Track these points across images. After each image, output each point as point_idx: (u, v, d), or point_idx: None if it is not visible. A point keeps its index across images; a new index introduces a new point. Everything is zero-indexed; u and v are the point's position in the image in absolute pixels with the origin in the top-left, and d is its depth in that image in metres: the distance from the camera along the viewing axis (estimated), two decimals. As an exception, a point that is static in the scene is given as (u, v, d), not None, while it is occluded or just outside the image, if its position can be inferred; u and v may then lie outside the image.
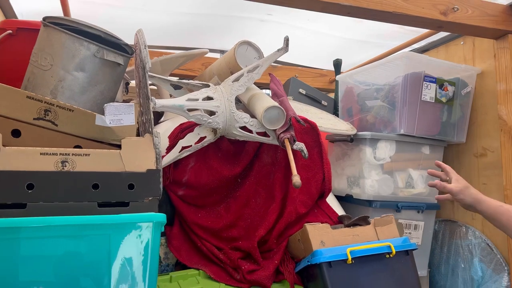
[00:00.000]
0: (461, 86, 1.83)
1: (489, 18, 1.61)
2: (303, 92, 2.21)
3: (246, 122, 1.43)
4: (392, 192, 1.79)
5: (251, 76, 1.46)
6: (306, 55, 2.55)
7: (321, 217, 1.56)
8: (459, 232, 1.88)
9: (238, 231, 1.51)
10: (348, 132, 1.80)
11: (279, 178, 1.55)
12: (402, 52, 1.89)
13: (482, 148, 1.83)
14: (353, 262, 1.32)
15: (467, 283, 1.79)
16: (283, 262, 1.43)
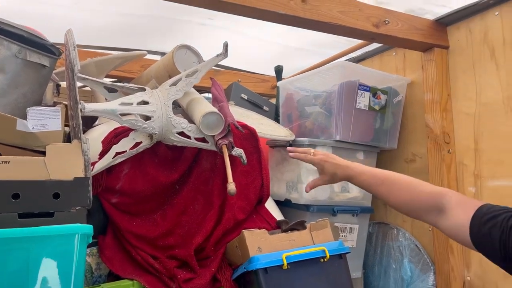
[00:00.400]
0: (393, 95, 1.92)
1: (417, 31, 1.71)
2: (245, 97, 2.21)
3: (184, 127, 1.41)
4: (329, 197, 1.84)
5: (190, 81, 1.44)
6: (249, 60, 2.57)
7: (259, 223, 1.56)
8: (391, 234, 1.97)
9: (174, 239, 1.48)
10: (287, 138, 1.83)
11: (218, 184, 1.53)
12: (338, 61, 1.95)
13: (411, 154, 1.94)
14: (288, 267, 1.34)
15: (397, 283, 1.88)
16: (220, 270, 1.42)
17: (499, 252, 0.91)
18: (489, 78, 1.62)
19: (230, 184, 1.24)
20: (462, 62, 1.73)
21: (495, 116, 1.59)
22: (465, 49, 1.72)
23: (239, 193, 1.53)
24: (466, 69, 1.72)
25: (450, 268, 1.67)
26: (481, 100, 1.65)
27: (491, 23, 1.62)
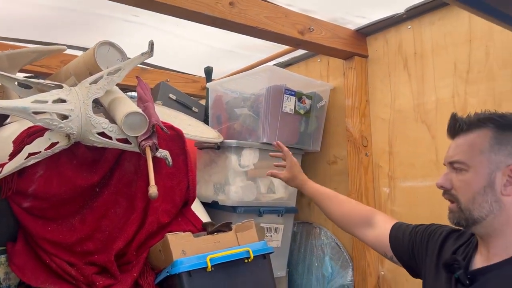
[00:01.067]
0: (317, 100, 2.01)
1: (339, 40, 1.80)
2: (173, 98, 2.18)
3: (105, 127, 1.35)
4: (255, 198, 1.87)
5: (112, 79, 1.39)
6: (178, 60, 2.52)
7: (185, 226, 1.55)
8: (313, 233, 2.05)
9: (94, 245, 1.41)
10: (215, 140, 1.83)
11: (142, 187, 1.49)
12: (266, 66, 2.00)
13: (333, 156, 2.04)
14: (213, 269, 1.34)
15: (319, 280, 1.96)
16: (142, 275, 1.38)
17: (408, 250, 1.12)
18: (402, 87, 1.75)
19: (151, 187, 1.22)
20: (379, 71, 1.85)
21: (406, 123, 1.72)
22: (382, 59, 1.84)
23: (164, 196, 1.50)
24: (382, 77, 1.84)
25: (367, 264, 1.78)
26: (395, 107, 1.78)
27: (404, 36, 1.76)
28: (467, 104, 1.52)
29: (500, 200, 0.84)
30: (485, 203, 0.85)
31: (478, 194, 0.86)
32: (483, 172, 0.86)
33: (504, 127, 0.86)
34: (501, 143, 0.85)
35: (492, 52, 1.46)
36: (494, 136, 0.87)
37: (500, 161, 0.85)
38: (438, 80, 1.62)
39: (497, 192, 0.85)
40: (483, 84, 1.48)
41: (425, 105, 1.66)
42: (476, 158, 0.87)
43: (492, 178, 0.85)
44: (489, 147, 0.86)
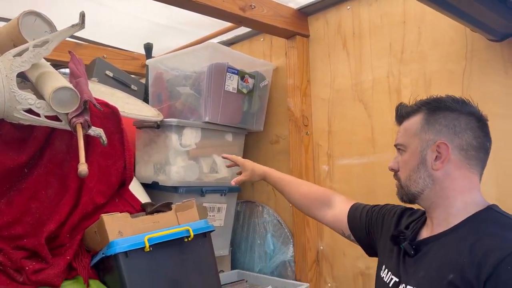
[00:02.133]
0: (260, 79, 2.00)
1: (281, 19, 1.79)
2: (110, 75, 2.08)
3: (32, 104, 1.26)
4: (198, 178, 1.85)
5: (39, 52, 1.30)
6: (116, 35, 2.40)
7: (122, 207, 1.50)
8: (256, 211, 2.08)
9: (23, 228, 1.33)
10: (154, 119, 1.78)
11: (75, 167, 1.39)
12: (208, 42, 1.95)
13: (275, 136, 2.06)
14: (151, 249, 1.31)
15: (262, 257, 2.00)
16: (77, 257, 1.33)
17: (364, 229, 1.17)
18: (341, 66, 1.79)
19: (81, 165, 1.16)
20: (320, 51, 1.88)
21: (345, 102, 1.77)
22: (322, 39, 1.87)
23: (99, 176, 1.44)
24: (323, 57, 1.87)
25: (306, 240, 1.83)
26: (334, 87, 1.82)
27: (344, 16, 1.79)
28: (400, 84, 1.59)
29: (432, 175, 0.91)
30: (419, 179, 0.92)
31: (413, 171, 0.93)
32: (416, 151, 0.93)
33: (434, 109, 0.93)
34: (429, 123, 0.92)
35: (423, 33, 1.53)
36: (425, 118, 0.93)
37: (429, 139, 0.91)
38: (374, 60, 1.67)
39: (428, 168, 0.91)
40: (415, 64, 1.55)
41: (362, 85, 1.71)
42: (411, 139, 0.95)
43: (424, 156, 0.92)
44: (421, 128, 0.93)
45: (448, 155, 0.89)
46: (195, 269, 1.42)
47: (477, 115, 0.91)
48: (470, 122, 0.90)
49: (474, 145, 0.89)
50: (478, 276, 0.76)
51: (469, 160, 0.89)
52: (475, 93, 1.40)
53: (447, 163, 0.89)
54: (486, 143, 0.91)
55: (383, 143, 1.64)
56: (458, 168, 0.89)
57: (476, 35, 1.38)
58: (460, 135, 0.89)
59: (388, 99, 1.62)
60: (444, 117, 0.91)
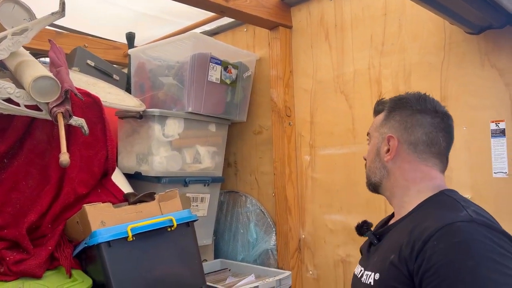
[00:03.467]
0: (243, 70, 2.01)
1: (264, 9, 1.80)
2: (92, 64, 2.05)
3: (11, 93, 1.25)
4: (181, 168, 1.86)
5: (17, 40, 1.28)
6: (98, 24, 2.36)
7: (104, 197, 1.49)
8: (239, 201, 2.10)
9: (3, 219, 1.32)
10: (137, 109, 1.77)
11: (56, 157, 1.39)
12: (190, 32, 1.94)
13: (259, 126, 2.07)
14: (134, 239, 1.32)
15: (245, 246, 2.02)
16: (59, 247, 1.33)
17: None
18: (323, 58, 1.81)
19: (62, 155, 1.16)
20: (303, 42, 1.89)
21: (326, 93, 1.79)
22: (305, 30, 1.88)
23: (81, 166, 1.44)
24: (305, 48, 1.88)
25: (288, 229, 1.86)
26: (317, 78, 1.84)
27: (326, 8, 1.80)
28: (381, 76, 1.62)
29: (386, 166, 0.97)
30: (376, 169, 0.99)
31: (372, 162, 1.01)
32: (375, 143, 1.01)
33: (393, 107, 0.99)
34: (387, 119, 0.99)
35: (404, 26, 1.55)
36: (385, 114, 1.00)
37: (384, 133, 0.98)
38: (356, 52, 1.69)
39: (382, 159, 0.98)
40: (396, 56, 1.57)
41: (344, 76, 1.73)
42: (374, 132, 1.03)
43: (378, 148, 0.99)
44: (380, 123, 1.01)
45: (395, 148, 0.95)
46: (179, 259, 1.43)
47: (433, 112, 0.95)
48: (423, 118, 0.94)
49: (424, 140, 0.94)
50: (411, 253, 0.80)
51: (419, 154, 0.94)
52: (452, 85, 1.44)
53: (398, 156, 0.95)
54: (439, 139, 0.94)
55: (364, 134, 1.65)
56: (408, 161, 0.94)
57: (454, 28, 1.41)
58: (409, 131, 0.94)
59: (369, 91, 1.65)
60: (400, 114, 0.97)
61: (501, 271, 0.73)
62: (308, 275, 1.86)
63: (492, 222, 0.82)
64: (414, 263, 0.79)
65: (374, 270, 0.90)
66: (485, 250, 0.75)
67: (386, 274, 0.85)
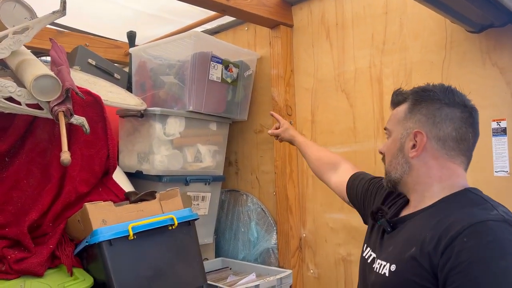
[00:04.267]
0: (244, 69, 2.00)
1: (265, 8, 1.79)
2: (93, 63, 2.05)
3: (12, 91, 1.25)
4: (182, 167, 1.86)
5: (18, 39, 1.28)
6: (99, 23, 2.37)
7: (105, 195, 1.50)
8: (241, 200, 2.10)
9: (5, 217, 1.33)
10: (138, 107, 1.77)
11: (57, 155, 1.39)
12: (191, 31, 1.94)
13: (260, 125, 2.07)
14: (135, 237, 1.32)
15: (245, 245, 2.02)
16: (60, 246, 1.34)
17: (360, 200, 1.19)
18: (324, 57, 1.81)
19: (63, 153, 1.16)
20: (304, 41, 1.89)
21: (327, 92, 1.79)
22: (306, 29, 1.88)
23: (82, 165, 1.44)
24: (306, 47, 1.88)
25: (289, 227, 1.86)
26: (318, 76, 1.84)
27: (327, 6, 1.80)
28: (382, 74, 1.61)
29: (409, 162, 0.92)
30: (397, 164, 0.95)
31: (393, 157, 0.96)
32: (397, 138, 0.95)
33: (419, 98, 0.94)
34: (412, 112, 0.94)
35: (405, 24, 1.55)
36: (409, 107, 0.95)
37: (409, 127, 0.93)
38: (357, 51, 1.69)
39: (406, 155, 0.93)
40: (397, 55, 1.57)
41: (345, 75, 1.73)
42: (395, 126, 0.97)
43: (402, 143, 0.93)
44: (404, 116, 0.95)
45: (423, 144, 0.90)
46: (180, 257, 1.43)
47: (462, 106, 0.91)
48: (452, 113, 0.90)
49: (453, 136, 0.89)
50: (437, 248, 0.78)
51: (448, 151, 0.90)
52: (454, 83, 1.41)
53: (424, 152, 0.90)
54: (468, 135, 0.90)
55: (365, 132, 1.67)
56: (435, 157, 0.90)
57: (455, 27, 1.41)
58: (439, 126, 0.89)
59: (370, 89, 1.64)
60: (426, 107, 0.91)
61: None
62: (309, 274, 1.86)
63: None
64: (440, 259, 0.77)
65: (389, 260, 0.89)
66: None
67: (404, 266, 0.84)
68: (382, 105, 1.61)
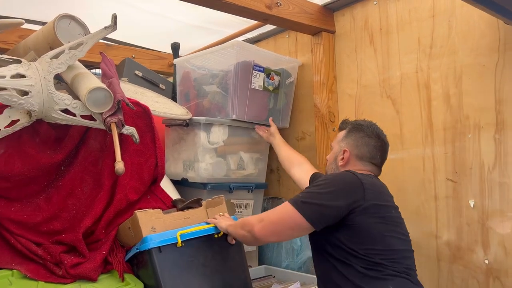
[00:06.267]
0: (286, 76, 2.01)
1: (307, 15, 1.79)
2: (140, 74, 2.13)
3: (68, 104, 1.31)
4: (225, 174, 1.88)
5: (74, 54, 1.34)
6: (145, 36, 2.45)
7: (154, 203, 1.54)
8: (283, 208, 2.08)
9: (61, 224, 1.39)
10: (183, 117, 1.81)
11: (109, 164, 1.46)
12: (234, 41, 1.96)
13: (302, 133, 2.06)
14: (183, 245, 1.34)
15: (289, 253, 2.01)
16: (112, 252, 1.38)
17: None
18: (368, 62, 1.78)
19: (118, 163, 1.20)
20: (346, 47, 1.87)
21: (372, 98, 1.76)
22: (349, 34, 1.86)
23: (132, 173, 1.49)
24: (349, 53, 1.86)
25: (334, 236, 1.82)
26: (361, 82, 1.81)
27: (370, 11, 1.77)
28: (429, 79, 1.57)
29: (338, 168, 1.40)
30: (332, 169, 1.44)
31: (330, 163, 1.45)
32: (335, 152, 1.44)
33: (352, 130, 1.40)
34: (346, 137, 1.41)
35: (454, 27, 1.50)
36: (345, 133, 1.42)
37: (342, 146, 1.41)
38: (402, 55, 1.65)
39: (337, 163, 1.41)
40: (445, 59, 1.52)
41: (390, 80, 1.69)
42: (335, 144, 1.45)
43: (336, 155, 1.42)
44: (341, 139, 1.43)
45: (347, 158, 1.38)
46: (226, 265, 1.44)
47: (376, 138, 1.36)
48: (369, 142, 1.36)
49: (367, 156, 1.36)
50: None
51: (363, 163, 1.36)
52: (508, 87, 1.38)
53: (347, 162, 1.38)
54: (377, 156, 1.36)
55: (412, 139, 1.62)
56: (353, 165, 1.36)
57: (509, 28, 1.35)
58: (359, 148, 1.37)
59: (417, 95, 1.60)
60: (354, 136, 1.38)
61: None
62: (355, 284, 1.82)
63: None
64: None
65: None
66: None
67: None
68: (431, 110, 1.56)
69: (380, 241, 1.20)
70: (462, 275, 1.49)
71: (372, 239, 1.19)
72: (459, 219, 1.49)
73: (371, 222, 1.20)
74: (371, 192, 1.22)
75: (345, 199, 1.19)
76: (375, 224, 1.20)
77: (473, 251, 1.46)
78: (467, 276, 1.47)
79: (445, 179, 1.53)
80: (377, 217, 1.21)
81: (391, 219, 1.26)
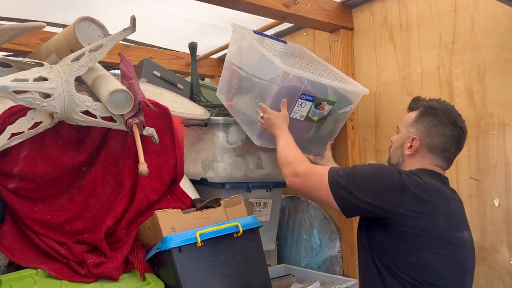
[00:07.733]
0: (343, 105, 1.86)
1: (325, 13, 1.77)
2: (158, 75, 2.14)
3: (89, 106, 1.33)
4: (244, 174, 1.88)
5: (94, 56, 1.36)
6: (162, 36, 2.47)
7: (173, 203, 1.55)
8: (302, 207, 2.08)
9: (83, 223, 1.41)
10: (202, 117, 1.81)
11: (129, 165, 1.48)
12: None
13: (320, 131, 2.04)
14: (202, 244, 1.35)
15: (308, 252, 2.00)
16: (133, 252, 1.39)
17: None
18: (388, 59, 1.75)
19: (141, 165, 1.21)
20: (365, 43, 1.85)
21: (392, 95, 1.73)
22: (367, 31, 1.83)
23: (152, 174, 1.49)
24: (368, 49, 1.83)
25: (354, 235, 1.80)
26: (381, 80, 1.78)
27: (390, 8, 1.74)
28: (452, 75, 1.53)
29: (404, 156, 1.27)
30: (396, 156, 1.30)
31: (395, 149, 1.31)
32: (402, 137, 1.28)
33: (424, 113, 1.23)
34: (416, 122, 1.25)
35: (477, 22, 1.46)
36: (416, 116, 1.25)
37: (411, 132, 1.25)
38: (423, 52, 1.62)
39: (403, 151, 1.26)
40: (468, 55, 1.49)
41: (411, 77, 1.66)
42: (403, 128, 1.29)
43: (403, 141, 1.27)
44: (411, 123, 1.26)
45: (416, 148, 1.22)
46: (245, 264, 1.44)
47: (453, 126, 1.20)
48: (443, 130, 1.19)
49: (440, 147, 1.20)
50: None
51: (433, 155, 1.22)
52: (534, 83, 1.34)
53: (415, 153, 1.23)
54: (451, 148, 1.21)
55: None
56: (421, 157, 1.23)
57: (535, 22, 1.31)
58: (431, 137, 1.21)
59: (439, 91, 1.57)
60: (427, 122, 1.22)
61: None
62: (375, 284, 1.80)
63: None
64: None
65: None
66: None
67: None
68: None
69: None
70: (486, 276, 1.45)
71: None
72: (483, 218, 1.46)
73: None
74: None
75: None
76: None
77: (498, 251, 1.42)
78: (492, 277, 1.44)
79: (468, 177, 1.50)
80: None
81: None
